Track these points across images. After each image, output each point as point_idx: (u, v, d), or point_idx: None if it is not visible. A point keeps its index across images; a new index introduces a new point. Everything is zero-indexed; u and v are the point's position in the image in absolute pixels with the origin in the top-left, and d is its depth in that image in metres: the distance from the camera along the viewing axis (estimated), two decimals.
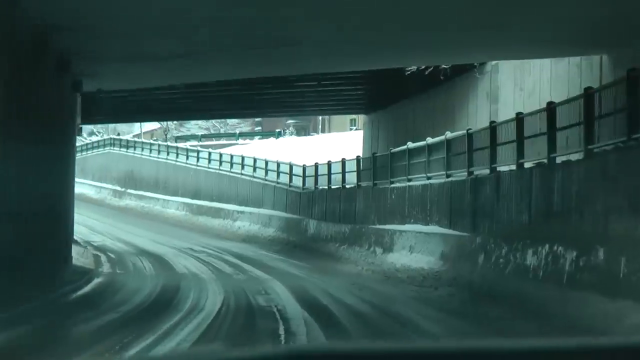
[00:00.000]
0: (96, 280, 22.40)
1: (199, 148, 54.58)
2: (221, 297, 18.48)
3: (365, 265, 27.76)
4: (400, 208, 27.69)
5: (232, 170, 48.87)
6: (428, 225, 25.12)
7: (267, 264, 29.36)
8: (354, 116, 68.38)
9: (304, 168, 39.54)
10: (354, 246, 31.34)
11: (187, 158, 55.51)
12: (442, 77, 24.86)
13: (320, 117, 73.07)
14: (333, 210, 34.74)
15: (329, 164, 35.92)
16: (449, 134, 24.29)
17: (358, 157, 33.06)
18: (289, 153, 49.19)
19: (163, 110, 39.83)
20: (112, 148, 69.12)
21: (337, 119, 71.18)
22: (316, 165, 37.81)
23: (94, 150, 73.82)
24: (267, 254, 33.89)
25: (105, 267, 27.74)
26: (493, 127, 20.70)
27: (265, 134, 66.94)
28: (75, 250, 27.60)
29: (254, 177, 45.83)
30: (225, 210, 48.25)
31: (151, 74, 24.30)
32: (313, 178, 38.03)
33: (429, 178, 25.67)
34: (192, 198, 53.62)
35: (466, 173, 22.46)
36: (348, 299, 18.67)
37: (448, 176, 24.00)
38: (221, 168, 50.37)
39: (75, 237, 41.26)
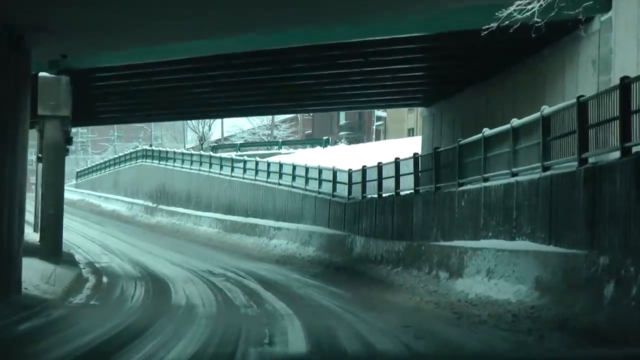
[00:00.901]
0: (35, 319, 15.54)
1: (234, 156, 47.97)
2: (191, 350, 11.46)
3: (425, 294, 20.57)
4: (473, 218, 20.47)
5: (268, 180, 41.99)
6: (514, 240, 17.89)
7: (295, 293, 22.34)
8: (411, 125, 61.03)
9: (350, 174, 32.47)
10: (411, 269, 24.15)
11: (221, 168, 48.80)
12: (533, 35, 17.56)
13: (374, 126, 65.80)
14: (384, 225, 27.62)
15: (380, 166, 28.81)
16: (546, 109, 16.99)
17: (416, 154, 25.84)
18: (337, 161, 42.08)
19: (183, 106, 33.07)
20: (144, 160, 62.82)
21: (394, 126, 63.89)
22: (364, 170, 30.72)
23: (127, 164, 67.66)
24: (300, 279, 26.83)
25: (81, 296, 21.03)
26: (626, 86, 13.38)
27: (312, 142, 59.80)
28: (39, 271, 20.85)
29: (293, 186, 38.86)
30: (260, 226, 41.37)
31: (127, 30, 17.55)
32: (360, 185, 30.94)
33: (514, 174, 18.42)
34: (226, 213, 46.86)
35: (576, 162, 15.19)
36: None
37: (545, 169, 16.73)
38: (257, 178, 43.54)
39: (78, 256, 34.99)
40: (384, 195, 28.57)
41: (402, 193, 27.00)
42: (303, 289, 23.30)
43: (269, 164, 42.31)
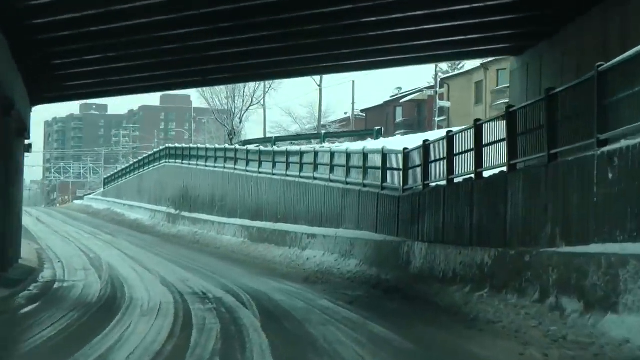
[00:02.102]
0: None
1: (261, 147, 38.76)
2: None
3: (544, 343, 11.05)
4: (636, 200, 10.87)
5: (302, 174, 32.62)
6: None
7: (310, 337, 12.95)
8: (479, 116, 51.11)
9: (406, 154, 22.95)
10: (506, 294, 14.68)
11: (247, 164, 39.62)
12: None
13: (436, 120, 55.89)
14: (458, 223, 18.12)
15: (450, 136, 19.30)
16: None
17: (510, 107, 16.13)
18: None
19: (167, 67, 23.53)
20: (167, 161, 53.99)
21: (458, 121, 53.92)
22: (426, 146, 21.20)
23: (150, 166, 58.98)
24: (329, 307, 17.46)
25: None
26: None
27: (361, 133, 49.85)
28: None
29: (331, 180, 29.42)
30: (291, 234, 32.09)
31: None
32: (420, 169, 21.41)
33: None
34: (253, 219, 37.67)
35: None
36: None
37: None
38: (288, 173, 34.24)
39: (46, 272, 26.74)
40: (456, 180, 19.02)
41: (487, 174, 17.44)
42: (327, 329, 13.84)
43: (301, 153, 32.93)
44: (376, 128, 45.45)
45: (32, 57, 22.21)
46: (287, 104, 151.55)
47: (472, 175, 17.93)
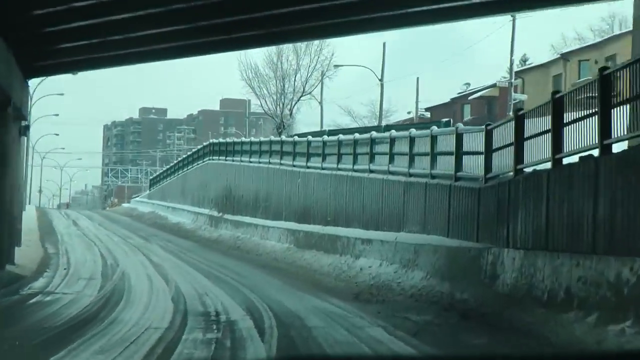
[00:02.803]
0: None
1: (310, 138, 33.24)
2: None
3: None
4: None
5: (355, 166, 27.09)
6: None
7: None
8: None
9: (489, 131, 17.24)
10: None
11: (294, 158, 34.21)
12: None
13: (511, 101, 49.67)
14: (573, 222, 12.43)
15: (557, 99, 13.60)
16: None
17: None
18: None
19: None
20: (211, 158, 48.88)
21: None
22: (519, 117, 15.50)
23: (193, 165, 53.98)
24: (382, 341, 12.03)
25: None
26: None
27: (426, 125, 44.30)
28: None
29: (390, 171, 23.82)
30: (343, 239, 26.63)
31: None
32: (511, 150, 15.73)
33: None
34: (299, 221, 32.28)
35: None
36: None
37: None
38: (340, 166, 28.71)
39: (40, 281, 22.11)
40: (567, 160, 13.32)
41: (614, 148, 11.75)
42: None
43: (355, 142, 27.35)
44: (444, 120, 40.01)
45: (17, 21, 17.23)
46: (346, 101, 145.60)
47: (595, 151, 12.24)
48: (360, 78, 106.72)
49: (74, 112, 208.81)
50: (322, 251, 28.35)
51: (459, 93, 70.43)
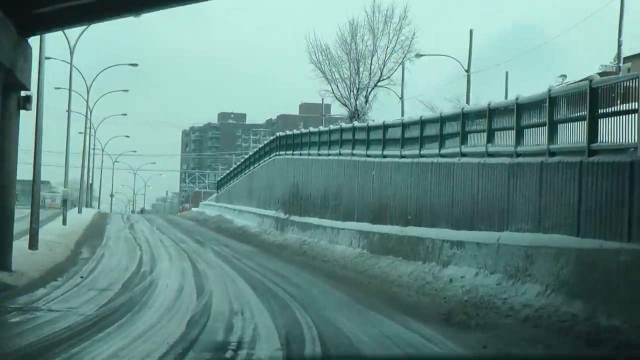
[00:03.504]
0: None
1: (386, 121, 27.69)
2: None
3: None
4: None
5: (443, 150, 21.56)
6: None
7: None
8: None
9: None
10: None
11: (368, 146, 28.77)
12: None
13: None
14: None
15: None
16: None
17: None
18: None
19: None
20: (277, 153, 43.77)
21: None
22: None
23: (260, 162, 48.98)
24: None
25: None
26: None
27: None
28: None
29: (489, 153, 18.22)
30: (427, 242, 21.20)
31: None
32: None
33: None
34: (374, 222, 26.92)
35: None
36: None
37: None
38: (423, 152, 23.20)
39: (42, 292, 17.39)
40: None
41: None
42: None
43: (442, 119, 21.79)
44: None
45: None
46: (427, 96, 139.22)
47: None
48: (444, 69, 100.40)
49: (141, 112, 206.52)
50: (400, 257, 22.94)
51: (557, 85, 64.02)
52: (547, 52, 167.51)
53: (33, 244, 23.72)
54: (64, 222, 39.02)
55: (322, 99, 55.58)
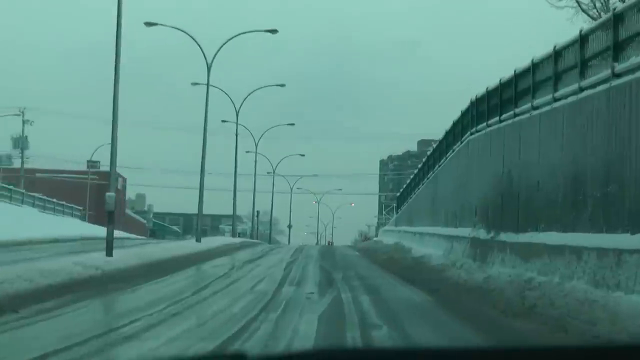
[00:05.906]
0: None
1: None
2: None
3: None
4: None
5: None
6: None
7: None
8: None
9: None
10: None
11: None
12: None
13: None
14: None
15: None
16: None
17: None
18: None
19: None
20: (473, 129, 25.63)
21: None
22: None
23: (447, 155, 31.00)
24: None
25: None
26: None
27: None
28: None
29: None
30: None
31: None
32: None
33: None
34: None
35: None
36: None
37: None
38: None
39: None
40: None
41: None
42: None
43: None
44: None
45: None
46: None
47: None
48: None
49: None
50: None
51: None
52: None
53: None
54: (109, 253, 22.64)
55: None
